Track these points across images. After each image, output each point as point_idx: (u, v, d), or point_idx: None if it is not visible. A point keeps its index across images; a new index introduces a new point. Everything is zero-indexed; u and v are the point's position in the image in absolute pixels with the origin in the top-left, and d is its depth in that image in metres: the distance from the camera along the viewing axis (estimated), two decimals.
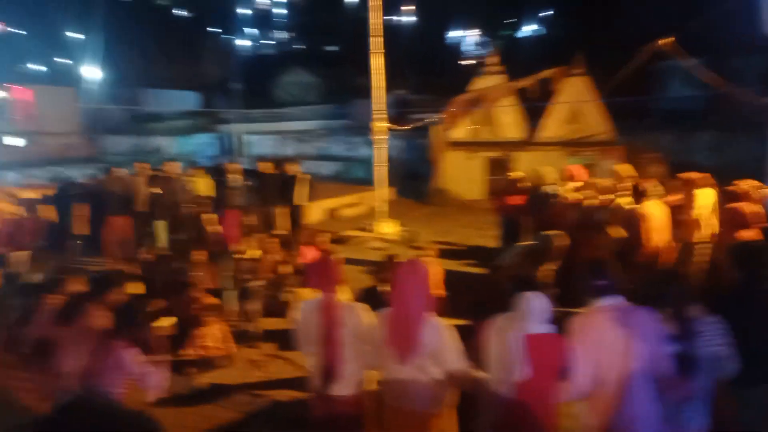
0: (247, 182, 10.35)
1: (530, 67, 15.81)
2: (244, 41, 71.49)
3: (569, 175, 8.69)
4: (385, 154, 12.38)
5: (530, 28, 64.85)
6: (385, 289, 6.84)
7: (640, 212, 6.24)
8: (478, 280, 8.45)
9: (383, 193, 12.28)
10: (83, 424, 1.41)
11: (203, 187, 10.61)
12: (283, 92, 44.09)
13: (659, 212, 6.35)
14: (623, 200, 6.95)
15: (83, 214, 9.85)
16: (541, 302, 3.04)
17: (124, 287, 3.75)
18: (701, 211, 6.63)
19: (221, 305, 6.80)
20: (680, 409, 3.11)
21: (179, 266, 7.07)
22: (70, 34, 56.74)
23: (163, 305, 5.97)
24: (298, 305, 5.90)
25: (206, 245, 8.10)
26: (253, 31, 75.06)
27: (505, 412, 3.03)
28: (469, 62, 49.66)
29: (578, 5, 46.12)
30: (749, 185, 6.34)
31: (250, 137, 30.48)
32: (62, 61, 56.85)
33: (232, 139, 31.16)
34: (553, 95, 15.42)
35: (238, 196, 9.68)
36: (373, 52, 11.45)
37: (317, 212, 13.91)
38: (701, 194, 6.68)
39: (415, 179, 18.32)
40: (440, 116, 15.87)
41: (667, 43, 11.26)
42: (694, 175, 6.85)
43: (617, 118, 15.66)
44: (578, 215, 7.35)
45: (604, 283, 3.08)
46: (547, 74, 14.82)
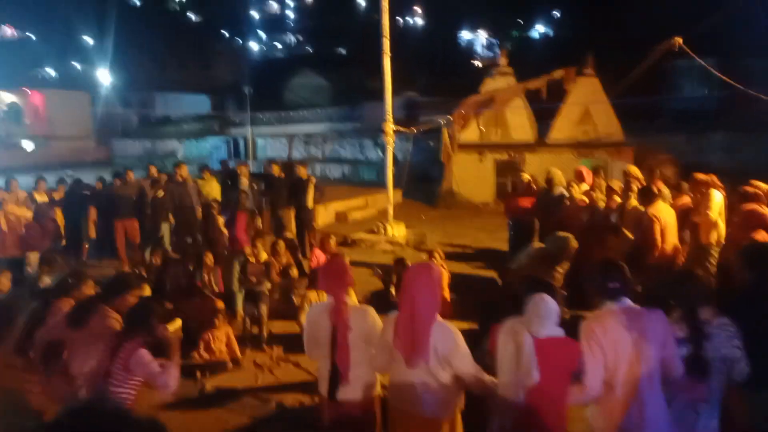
0: (256, 185, 10.38)
1: (540, 68, 15.75)
2: (254, 45, 71.90)
3: (578, 176, 8.63)
4: (396, 155, 12.35)
5: (540, 29, 64.77)
6: (393, 291, 6.85)
7: (650, 214, 6.17)
8: (487, 282, 8.41)
9: (393, 195, 12.25)
10: (91, 430, 1.39)
11: (213, 190, 10.65)
12: (292, 95, 44.21)
13: (668, 214, 6.29)
14: (633, 202, 6.89)
15: (93, 217, 9.92)
16: (552, 305, 3.01)
17: (135, 290, 3.74)
18: (713, 212, 6.55)
19: (229, 309, 6.82)
20: (692, 411, 3.08)
21: (187, 269, 7.08)
22: (81, 38, 57.33)
23: (170, 308, 5.98)
24: (306, 308, 5.92)
25: (215, 248, 8.13)
26: (263, 34, 75.50)
27: (515, 416, 3.00)
28: (478, 64, 49.66)
29: (587, 6, 45.94)
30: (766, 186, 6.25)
31: (259, 140, 30.59)
32: (74, 65, 57.49)
33: (241, 142, 31.29)
34: (563, 96, 15.35)
35: (247, 199, 9.71)
36: (385, 53, 11.43)
37: (326, 215, 13.92)
38: (714, 196, 6.60)
39: (424, 182, 18.29)
40: (450, 118, 15.83)
41: (678, 42, 11.14)
42: (706, 176, 6.77)
43: (628, 119, 15.57)
44: (589, 217, 7.29)
45: (615, 285, 3.04)
46: (557, 75, 14.74)
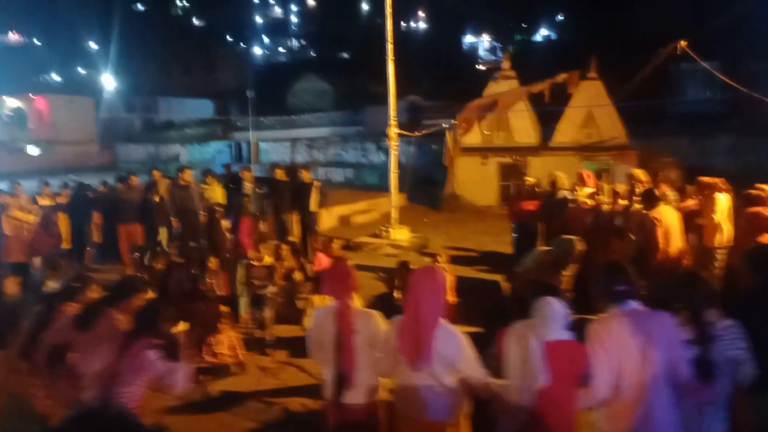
0: (260, 189, 10.39)
1: (543, 71, 15.73)
2: (258, 49, 72.15)
3: (580, 180, 8.61)
4: (399, 159, 12.35)
5: (543, 32, 64.82)
6: (397, 295, 6.83)
7: (651, 217, 6.16)
8: (492, 286, 8.38)
9: (397, 199, 12.24)
10: None
11: (217, 194, 10.66)
12: (296, 99, 44.32)
13: (672, 217, 6.26)
14: (638, 205, 6.87)
15: (97, 221, 9.95)
16: (560, 308, 2.99)
17: (141, 293, 3.74)
18: (718, 215, 6.53)
19: (233, 312, 6.82)
20: (698, 414, 3.06)
21: (191, 273, 7.09)
22: (86, 43, 57.62)
23: (175, 312, 5.97)
24: (311, 312, 5.91)
25: (220, 252, 8.13)
26: (266, 39, 75.76)
27: (523, 420, 2.98)
28: (482, 67, 49.71)
29: (591, 9, 45.95)
30: None
31: (263, 144, 30.65)
32: (78, 70, 57.78)
33: (245, 146, 31.36)
34: (566, 100, 15.33)
35: (251, 203, 9.72)
36: (389, 58, 11.44)
37: (330, 219, 13.92)
38: (719, 199, 6.58)
39: (428, 185, 18.29)
40: (453, 122, 15.83)
41: (681, 45, 11.12)
42: (711, 179, 6.75)
43: (632, 122, 15.53)
44: (593, 220, 7.27)
45: (621, 288, 3.03)
46: (560, 79, 14.73)
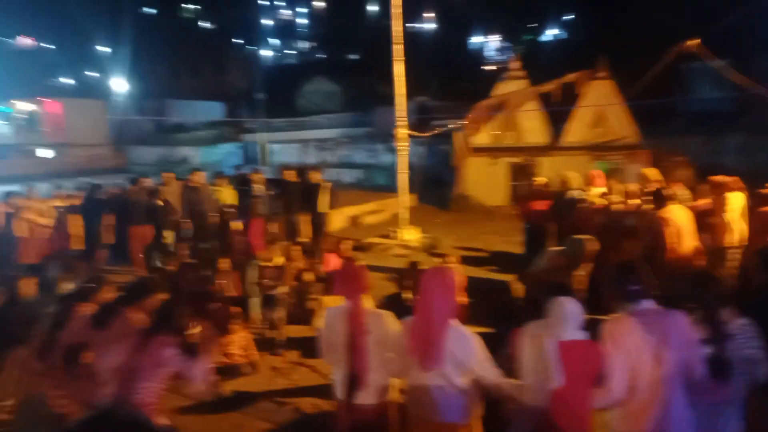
0: (270, 191, 10.44)
1: (553, 71, 15.68)
2: (267, 51, 72.41)
3: (591, 179, 8.57)
4: (408, 160, 12.35)
5: (552, 32, 64.54)
6: (408, 296, 6.84)
7: (662, 216, 6.12)
8: (502, 286, 8.36)
9: (407, 199, 12.25)
10: None
11: (228, 196, 10.72)
12: (305, 101, 44.42)
13: (683, 216, 6.22)
14: (648, 204, 6.83)
15: (109, 223, 10.03)
16: (574, 308, 2.99)
17: (157, 294, 3.77)
18: (731, 215, 6.48)
19: (245, 313, 6.85)
20: (715, 413, 3.05)
21: (203, 275, 7.13)
22: (98, 48, 58.14)
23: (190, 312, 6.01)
24: (321, 313, 5.92)
25: (231, 253, 8.18)
26: (275, 41, 76.03)
27: (538, 420, 2.97)
28: (491, 67, 49.56)
29: (600, 8, 45.69)
30: None
31: (273, 146, 30.74)
32: (90, 74, 58.28)
33: (255, 148, 31.48)
34: (576, 99, 15.26)
35: (261, 204, 9.76)
36: (396, 59, 11.45)
37: (340, 220, 13.95)
38: (732, 198, 6.53)
39: (438, 186, 18.26)
40: (463, 122, 15.81)
41: (693, 44, 11.05)
42: (724, 178, 6.70)
43: (643, 121, 15.43)
44: (604, 220, 7.24)
45: (636, 287, 3.02)
46: (570, 78, 14.68)
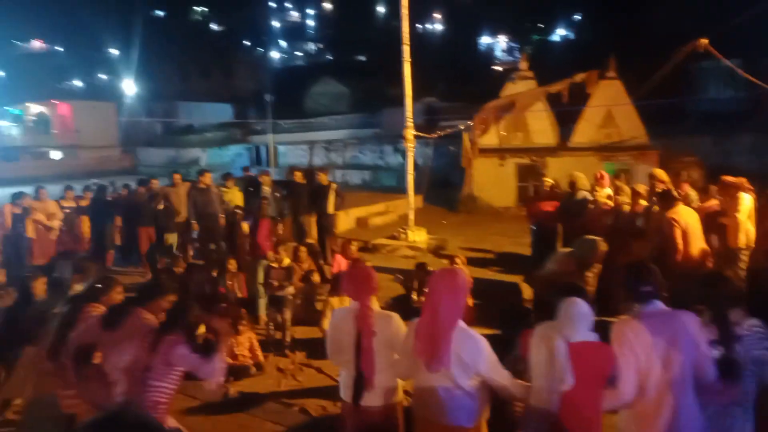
0: (278, 192, 10.47)
1: (561, 71, 15.64)
2: (275, 53, 72.66)
3: (597, 180, 8.52)
4: (416, 161, 12.35)
5: (561, 32, 64.36)
6: (415, 297, 6.83)
7: (668, 218, 6.07)
8: (510, 288, 8.34)
9: (414, 201, 12.23)
10: None
11: (236, 197, 10.75)
12: (313, 102, 44.54)
13: (691, 218, 6.17)
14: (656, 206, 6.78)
15: (118, 224, 10.09)
16: (585, 309, 2.97)
17: (169, 295, 3.77)
18: (742, 215, 6.42)
19: (252, 314, 6.87)
20: (726, 415, 3.03)
21: (211, 276, 7.15)
22: (107, 50, 58.57)
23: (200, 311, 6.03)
24: (328, 314, 5.93)
25: (238, 254, 8.20)
26: (284, 43, 76.29)
27: (549, 422, 2.95)
28: (499, 68, 49.49)
29: (609, 8, 45.53)
30: None
31: (281, 147, 30.84)
32: (100, 76, 58.71)
33: (263, 149, 31.59)
34: (585, 100, 15.20)
35: (269, 205, 9.78)
36: (405, 60, 11.44)
37: (347, 221, 13.96)
38: (743, 198, 6.47)
39: (445, 187, 18.25)
40: (471, 123, 15.79)
41: (702, 43, 10.97)
42: (736, 178, 6.64)
43: (652, 121, 15.35)
44: (613, 221, 7.20)
45: (647, 288, 3.00)
46: (578, 79, 14.61)
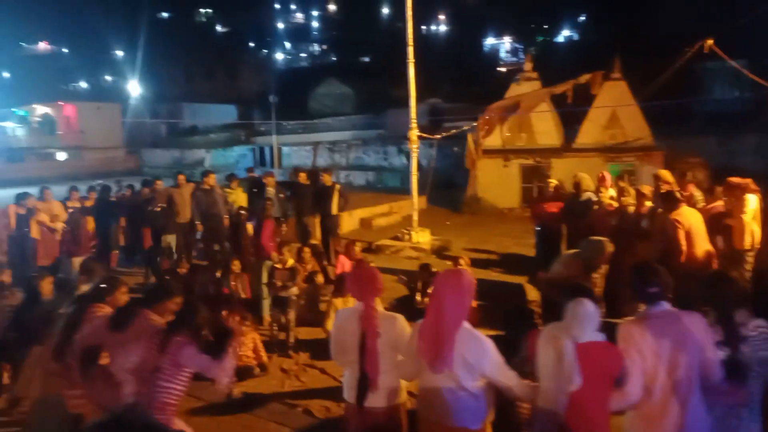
0: (282, 193, 10.48)
1: (566, 72, 15.62)
2: (280, 55, 72.79)
3: (600, 181, 8.49)
4: (420, 162, 12.34)
5: (565, 33, 64.28)
6: (418, 298, 6.83)
7: (672, 219, 6.05)
8: (514, 289, 8.32)
9: (418, 202, 12.23)
10: None
11: (240, 198, 10.77)
12: (317, 103, 44.60)
13: (695, 219, 6.14)
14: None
15: (122, 225, 10.11)
16: (592, 309, 2.96)
17: (176, 297, 3.76)
18: (746, 217, 6.38)
19: (256, 315, 6.86)
20: (733, 417, 3.01)
21: (214, 276, 7.16)
22: (112, 51, 58.81)
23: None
24: (332, 315, 5.92)
25: (242, 255, 8.21)
26: (288, 44, 76.41)
27: (556, 423, 2.94)
28: (503, 69, 49.46)
29: (614, 9, 45.46)
30: None
31: (285, 148, 30.88)
32: (105, 77, 58.96)
33: (267, 150, 31.64)
34: (590, 101, 15.16)
35: (273, 206, 9.79)
36: (409, 61, 11.44)
37: (351, 222, 13.97)
38: (749, 200, 6.43)
39: (449, 188, 18.23)
40: (475, 124, 15.77)
41: (707, 44, 10.93)
42: (741, 179, 6.60)
43: (657, 122, 15.31)
44: (618, 222, 7.17)
45: (654, 289, 3.00)
46: (583, 79, 14.58)
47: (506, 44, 67.65)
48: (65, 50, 63.02)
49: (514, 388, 3.09)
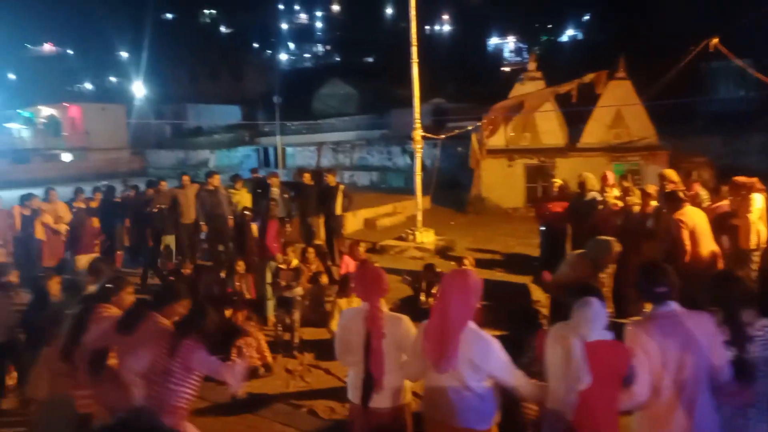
0: (286, 193, 10.48)
1: (570, 72, 15.57)
2: (283, 55, 72.88)
3: (603, 181, 8.47)
4: (424, 162, 12.33)
5: (569, 32, 64.13)
6: (423, 298, 6.82)
7: (676, 219, 6.02)
8: (518, 289, 8.30)
9: (422, 202, 12.22)
10: None
11: (244, 199, 10.78)
12: (321, 104, 44.63)
13: (699, 218, 6.11)
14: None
15: (126, 226, 10.13)
16: (599, 308, 2.95)
17: (184, 300, 3.76)
18: (752, 216, 6.35)
19: (260, 315, 6.87)
20: (741, 417, 3.00)
21: (219, 277, 7.17)
22: (117, 53, 59.03)
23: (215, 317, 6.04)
24: (336, 315, 5.92)
25: (247, 256, 8.21)
26: (292, 45, 76.51)
27: (567, 421, 2.93)
28: (507, 69, 49.39)
29: (618, 8, 45.33)
30: None
31: (289, 149, 30.91)
32: (110, 79, 59.18)
33: (272, 151, 31.67)
34: (594, 100, 15.12)
35: (277, 207, 9.79)
36: (413, 61, 11.44)
37: (355, 222, 13.96)
38: (755, 199, 6.40)
39: (454, 188, 18.21)
40: (479, 124, 15.75)
41: (713, 43, 10.88)
42: (747, 179, 6.57)
43: (662, 121, 15.25)
44: (623, 222, 7.14)
45: (663, 289, 2.99)
46: (587, 79, 14.53)
47: (510, 44, 67.53)
48: (70, 52, 63.26)
49: (521, 387, 3.08)
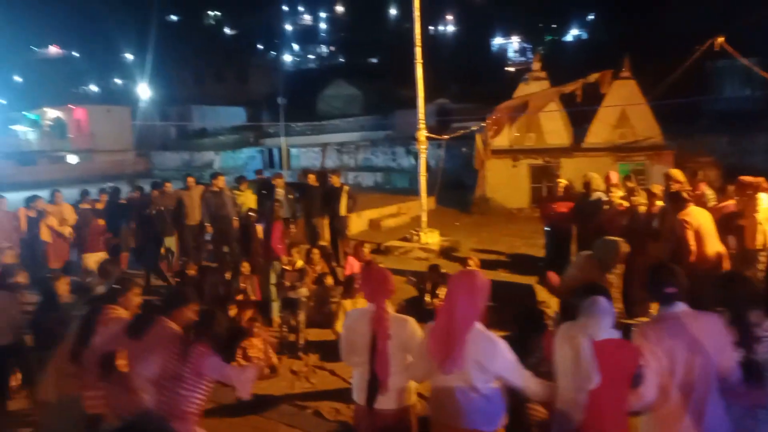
0: (291, 194, 10.49)
1: (575, 72, 15.52)
2: (288, 57, 72.99)
3: (607, 181, 8.42)
4: (429, 163, 12.31)
5: (574, 32, 64.00)
6: (427, 299, 6.81)
7: (680, 219, 6.00)
8: (524, 289, 8.27)
9: (426, 202, 12.20)
10: None
11: (249, 200, 10.80)
12: (325, 105, 44.65)
13: (704, 218, 6.08)
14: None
15: (132, 227, 10.15)
16: (607, 307, 2.95)
17: (193, 304, 3.74)
18: (759, 216, 6.32)
19: (266, 316, 6.88)
20: (750, 418, 2.99)
21: (224, 278, 7.18)
22: (122, 55, 59.26)
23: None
24: (341, 316, 5.92)
25: (252, 257, 8.23)
26: (296, 46, 76.62)
27: (575, 422, 2.92)
28: (512, 69, 49.31)
29: (623, 8, 45.20)
30: None
31: (293, 150, 30.94)
32: (115, 81, 59.41)
33: (276, 152, 31.71)
34: (599, 100, 15.07)
35: (282, 208, 9.80)
36: (417, 62, 11.42)
37: (360, 223, 13.96)
38: (761, 199, 6.37)
39: (458, 188, 18.19)
40: (483, 124, 15.72)
41: (718, 42, 10.84)
42: (754, 178, 6.54)
43: (667, 121, 15.19)
44: (628, 222, 7.12)
45: (671, 290, 2.98)
46: (592, 79, 14.48)
47: (514, 44, 67.44)
48: (76, 54, 63.52)
49: (529, 388, 3.07)
